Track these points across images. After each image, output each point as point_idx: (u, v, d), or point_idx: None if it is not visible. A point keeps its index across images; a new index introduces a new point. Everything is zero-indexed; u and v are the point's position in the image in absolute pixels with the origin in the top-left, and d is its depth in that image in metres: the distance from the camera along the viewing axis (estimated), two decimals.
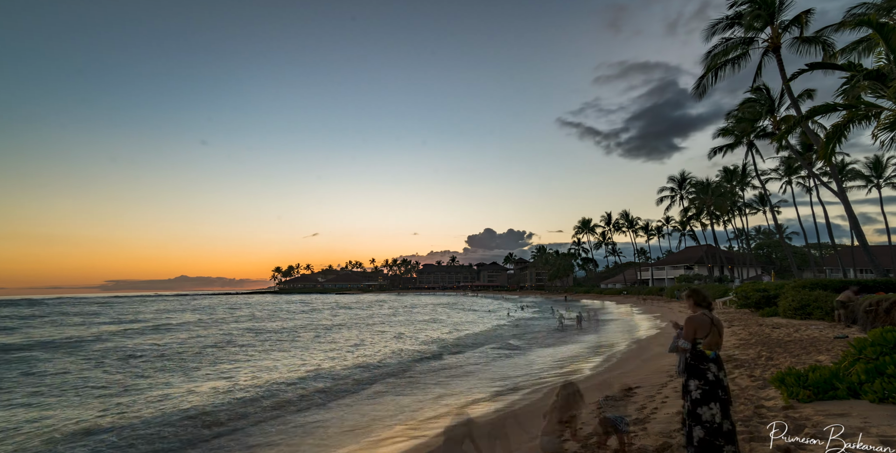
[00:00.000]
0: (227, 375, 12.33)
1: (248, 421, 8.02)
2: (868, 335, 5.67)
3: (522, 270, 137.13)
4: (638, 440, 4.56)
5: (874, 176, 41.32)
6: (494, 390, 9.76)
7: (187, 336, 23.09)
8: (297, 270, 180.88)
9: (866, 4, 19.74)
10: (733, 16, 23.84)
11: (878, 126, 13.93)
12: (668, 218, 73.59)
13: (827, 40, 22.02)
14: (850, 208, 22.10)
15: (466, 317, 34.82)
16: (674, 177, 56.81)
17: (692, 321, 3.51)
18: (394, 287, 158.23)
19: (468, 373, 12.01)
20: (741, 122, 33.68)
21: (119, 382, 11.68)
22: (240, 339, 21.20)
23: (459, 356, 15.22)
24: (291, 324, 30.39)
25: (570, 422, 3.80)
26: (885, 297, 11.02)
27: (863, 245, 21.81)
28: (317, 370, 12.67)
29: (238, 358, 15.42)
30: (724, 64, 24.29)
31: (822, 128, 28.73)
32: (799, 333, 12.03)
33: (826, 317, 14.71)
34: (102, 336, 23.75)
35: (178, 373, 12.80)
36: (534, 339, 19.40)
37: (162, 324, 31.40)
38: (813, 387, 5.22)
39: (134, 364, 14.61)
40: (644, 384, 8.01)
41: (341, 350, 17.12)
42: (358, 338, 21.44)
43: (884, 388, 4.80)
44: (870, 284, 17.02)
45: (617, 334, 20.51)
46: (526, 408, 7.74)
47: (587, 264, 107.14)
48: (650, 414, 5.72)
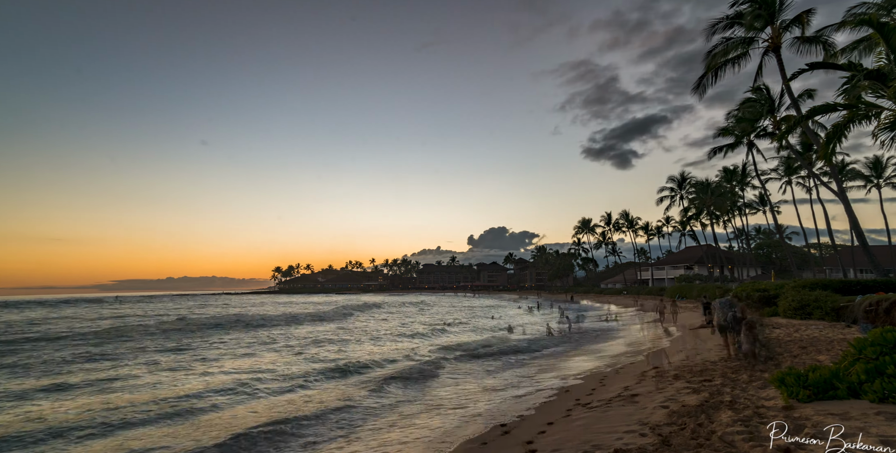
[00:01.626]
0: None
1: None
2: (868, 335, 5.66)
3: (522, 270, 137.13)
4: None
5: (874, 176, 41.32)
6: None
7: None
8: (297, 270, 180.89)
9: (866, 4, 19.72)
10: (734, 15, 23.81)
11: (879, 126, 13.92)
12: (668, 218, 73.58)
13: (827, 40, 21.99)
14: (850, 208, 22.08)
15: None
16: (674, 177, 56.77)
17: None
18: (393, 287, 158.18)
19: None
20: (741, 122, 33.62)
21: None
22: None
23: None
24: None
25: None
26: (885, 297, 11.01)
27: (863, 245, 21.79)
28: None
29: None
30: (725, 64, 24.27)
31: (822, 128, 28.72)
32: (799, 333, 12.01)
33: (826, 317, 14.69)
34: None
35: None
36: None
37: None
38: (813, 387, 5.21)
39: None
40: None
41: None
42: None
43: (884, 388, 4.79)
44: (870, 284, 17.01)
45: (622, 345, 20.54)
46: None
47: (587, 264, 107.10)
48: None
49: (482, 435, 6.53)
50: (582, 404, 7.37)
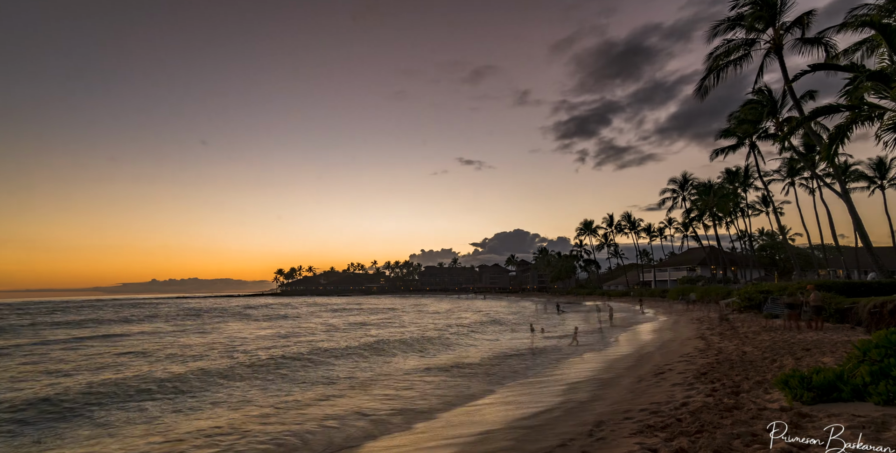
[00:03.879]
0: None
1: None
2: (872, 337, 5.63)
3: (524, 272, 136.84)
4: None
5: (878, 177, 41.13)
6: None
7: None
8: (299, 272, 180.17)
9: (868, 6, 19.69)
10: (735, 17, 23.79)
11: (882, 127, 13.88)
12: (670, 219, 73.39)
13: (829, 41, 21.95)
14: (853, 209, 22.00)
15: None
16: (675, 178, 56.67)
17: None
18: (395, 289, 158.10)
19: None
20: (743, 124, 33.56)
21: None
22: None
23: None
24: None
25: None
26: (890, 299, 10.96)
27: (866, 246, 21.69)
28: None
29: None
30: (726, 65, 24.24)
31: (825, 130, 28.64)
32: (802, 335, 11.96)
33: (830, 318, 14.63)
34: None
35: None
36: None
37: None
38: (817, 389, 5.18)
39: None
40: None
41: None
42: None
43: (889, 390, 4.75)
44: (874, 285, 16.93)
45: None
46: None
47: (589, 266, 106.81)
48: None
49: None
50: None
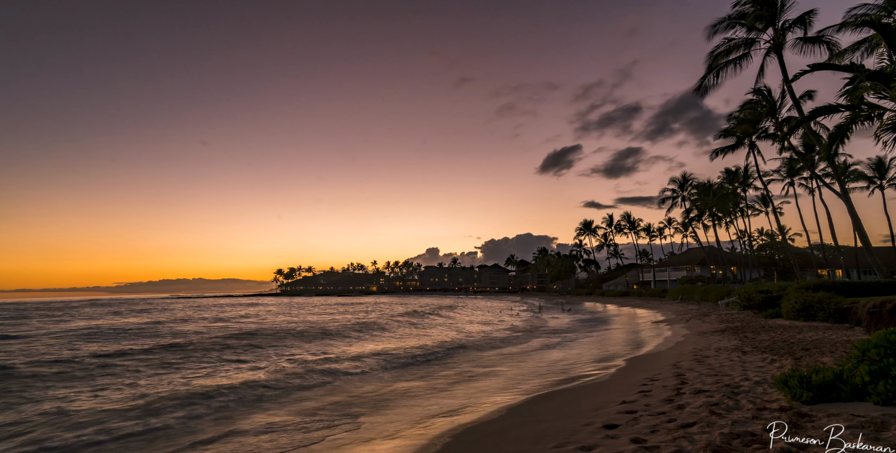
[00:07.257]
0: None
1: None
2: (871, 336, 5.61)
3: (524, 272, 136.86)
4: None
5: (877, 177, 41.15)
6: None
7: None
8: (298, 272, 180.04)
9: (867, 5, 19.68)
10: (735, 15, 23.73)
11: (881, 127, 13.87)
12: (669, 219, 73.41)
13: (830, 41, 21.92)
14: (853, 209, 21.99)
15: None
16: (675, 178, 56.69)
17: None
18: (395, 289, 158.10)
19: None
20: (742, 124, 33.55)
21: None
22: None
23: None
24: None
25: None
26: (889, 299, 10.95)
27: (866, 246, 21.69)
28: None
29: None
30: (726, 64, 24.22)
31: (825, 129, 28.63)
32: (802, 334, 11.95)
33: (829, 318, 14.61)
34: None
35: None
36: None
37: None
38: (816, 389, 5.16)
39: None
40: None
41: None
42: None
43: (888, 390, 4.74)
44: (873, 285, 16.92)
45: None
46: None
47: (589, 266, 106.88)
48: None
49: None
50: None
